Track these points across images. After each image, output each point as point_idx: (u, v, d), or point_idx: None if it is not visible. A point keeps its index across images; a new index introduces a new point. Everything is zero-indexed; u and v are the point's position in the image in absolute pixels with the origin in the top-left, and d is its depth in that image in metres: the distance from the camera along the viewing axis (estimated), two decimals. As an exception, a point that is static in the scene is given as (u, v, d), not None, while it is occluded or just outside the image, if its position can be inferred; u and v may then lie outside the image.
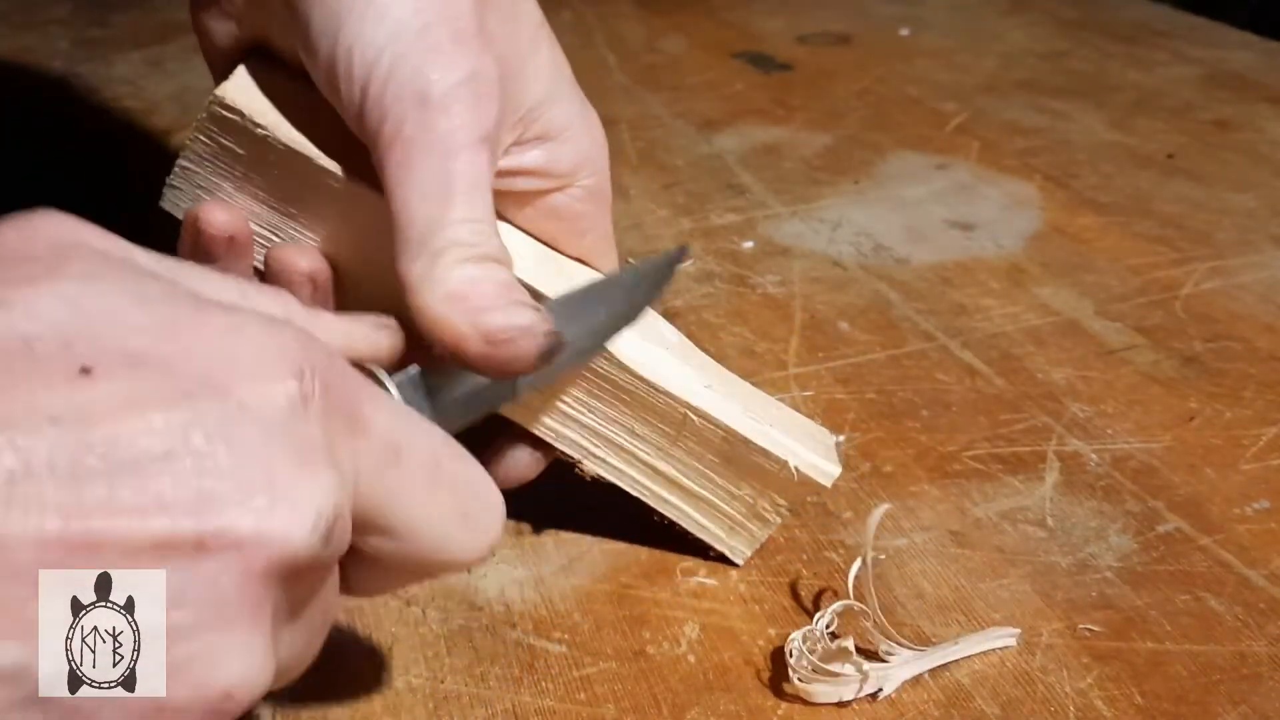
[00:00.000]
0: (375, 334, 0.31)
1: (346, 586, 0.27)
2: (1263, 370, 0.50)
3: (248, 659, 0.21)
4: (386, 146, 0.31)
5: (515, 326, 0.30)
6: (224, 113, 0.33)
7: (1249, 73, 0.86)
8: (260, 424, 0.21)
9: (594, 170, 0.37)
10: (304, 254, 0.35)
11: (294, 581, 0.22)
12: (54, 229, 0.23)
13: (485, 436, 0.36)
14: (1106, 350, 0.51)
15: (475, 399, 0.32)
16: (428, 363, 0.31)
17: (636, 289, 0.36)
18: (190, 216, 0.34)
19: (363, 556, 0.26)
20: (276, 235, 0.35)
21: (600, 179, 0.37)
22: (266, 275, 0.35)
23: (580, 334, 0.34)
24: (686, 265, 0.35)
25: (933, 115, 0.79)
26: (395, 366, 0.31)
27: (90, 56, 0.87)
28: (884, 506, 0.36)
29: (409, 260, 0.30)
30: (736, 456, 0.36)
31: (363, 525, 0.25)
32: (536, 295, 0.34)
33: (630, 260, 0.37)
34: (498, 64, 0.32)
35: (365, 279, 0.35)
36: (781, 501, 0.37)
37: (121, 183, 0.66)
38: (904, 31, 0.97)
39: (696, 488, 0.37)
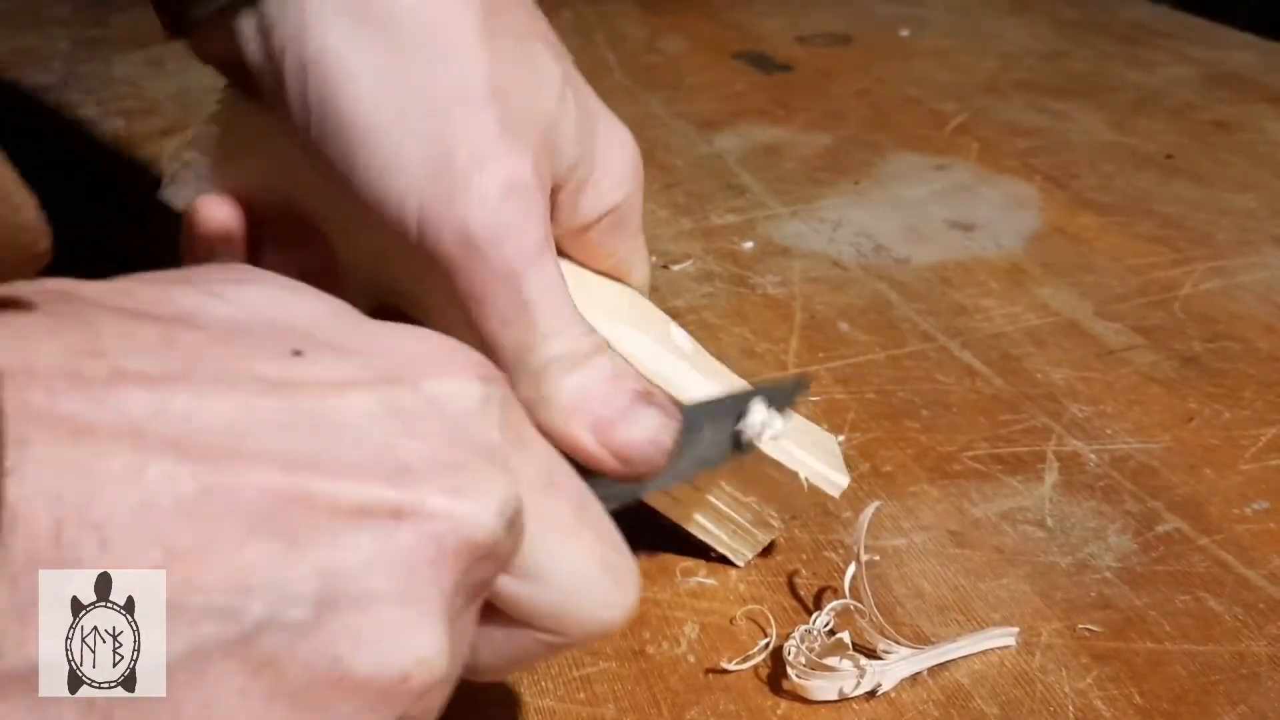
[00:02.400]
0: None
1: (472, 659, 0.25)
2: (1262, 370, 0.50)
3: (429, 640, 0.20)
4: (449, 285, 0.30)
5: (639, 442, 0.30)
6: (239, 101, 0.33)
7: (1249, 73, 0.86)
8: (450, 418, 0.22)
9: (629, 193, 0.36)
10: (298, 244, 0.34)
11: (470, 574, 0.21)
12: (247, 267, 0.24)
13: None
14: (1106, 350, 0.51)
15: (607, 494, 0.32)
16: None
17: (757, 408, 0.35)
18: (187, 214, 0.33)
19: (491, 611, 0.24)
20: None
21: (634, 200, 0.36)
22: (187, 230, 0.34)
23: (711, 444, 0.34)
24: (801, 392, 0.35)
25: (933, 115, 0.79)
26: None
27: (90, 56, 0.87)
28: (874, 504, 0.36)
29: (518, 386, 0.30)
30: (746, 465, 0.36)
31: None
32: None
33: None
34: (531, 153, 0.31)
35: (373, 272, 0.35)
36: (788, 510, 0.37)
37: (122, 183, 0.66)
38: (904, 32, 0.97)
39: (703, 494, 0.37)
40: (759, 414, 0.35)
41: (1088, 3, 1.04)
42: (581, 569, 0.24)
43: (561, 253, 0.36)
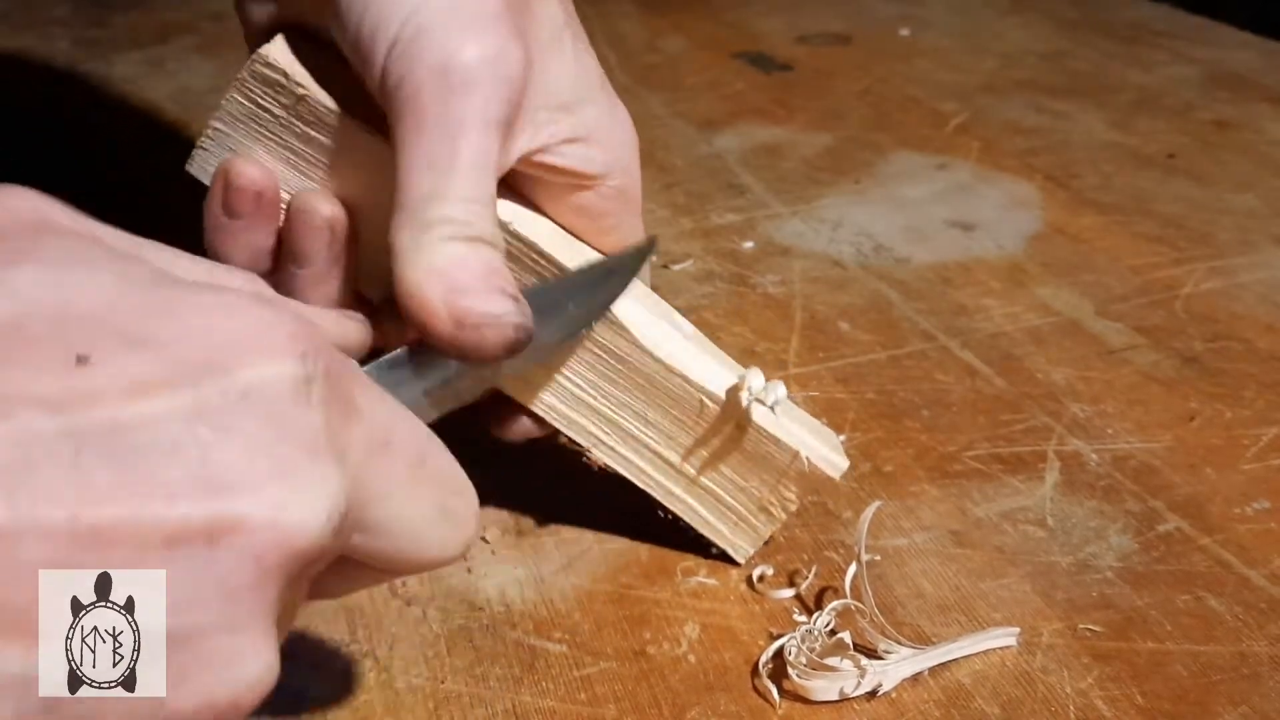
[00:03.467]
0: (343, 322, 0.30)
1: (316, 587, 0.25)
2: (1263, 370, 0.50)
3: (256, 663, 0.20)
4: (400, 113, 0.31)
5: (486, 314, 0.30)
6: (266, 71, 0.33)
7: (1249, 73, 0.86)
8: (266, 409, 0.20)
9: (624, 170, 0.37)
10: (326, 200, 0.34)
11: (296, 578, 0.21)
12: (21, 206, 0.22)
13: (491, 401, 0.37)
14: (1107, 350, 0.51)
15: (455, 384, 0.32)
16: (414, 347, 0.31)
17: (606, 281, 0.35)
18: (221, 169, 0.34)
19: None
20: None
21: (629, 179, 0.37)
22: (287, 218, 0.34)
23: (551, 328, 0.34)
24: (654, 259, 0.35)
25: (933, 115, 0.79)
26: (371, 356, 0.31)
27: (90, 56, 0.87)
28: (875, 504, 0.36)
29: (399, 228, 0.30)
30: (748, 446, 0.36)
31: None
32: (546, 258, 0.35)
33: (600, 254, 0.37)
34: (524, 46, 0.32)
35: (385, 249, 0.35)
36: (789, 495, 0.37)
37: (122, 182, 0.66)
38: (904, 31, 0.97)
39: (704, 479, 0.37)
40: (758, 379, 0.35)
41: (1088, 2, 1.04)
42: (417, 522, 0.24)
43: (569, 226, 0.37)
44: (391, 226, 0.30)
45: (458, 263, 0.30)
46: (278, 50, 0.34)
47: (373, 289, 0.36)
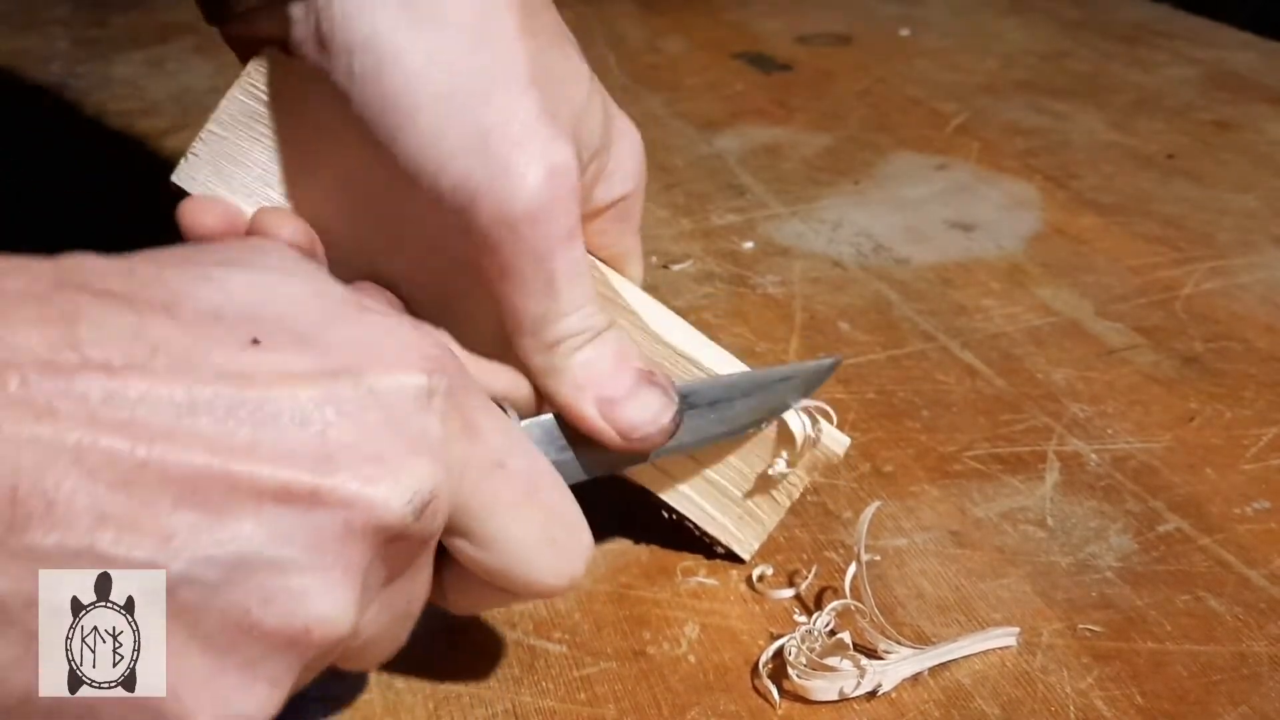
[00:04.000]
0: (518, 379, 0.33)
1: (441, 596, 0.30)
2: (1263, 370, 0.50)
3: (332, 602, 0.23)
4: (476, 256, 0.31)
5: (644, 421, 0.33)
6: (273, 64, 0.33)
7: (1249, 73, 0.86)
8: (386, 408, 0.24)
9: (635, 186, 0.37)
10: (288, 221, 0.33)
11: (388, 550, 0.25)
12: (259, 242, 0.28)
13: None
14: (1107, 350, 0.51)
15: (603, 461, 0.34)
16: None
17: (779, 387, 0.36)
18: (177, 215, 0.33)
19: (455, 565, 0.29)
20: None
21: (638, 193, 0.37)
22: (248, 234, 0.34)
23: (715, 420, 0.35)
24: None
25: (933, 115, 0.79)
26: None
27: (90, 56, 0.87)
28: (875, 504, 0.36)
29: (529, 351, 0.32)
30: (747, 436, 0.37)
31: (456, 526, 0.27)
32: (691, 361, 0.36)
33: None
34: (569, 139, 0.32)
35: (387, 251, 0.35)
36: (794, 479, 0.37)
37: (122, 183, 0.66)
38: (904, 32, 0.97)
39: (708, 470, 0.37)
40: (799, 422, 0.37)
41: (1088, 3, 1.04)
42: (525, 544, 0.28)
43: None
44: (517, 348, 0.32)
45: (592, 369, 0.33)
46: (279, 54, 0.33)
47: (347, 273, 0.35)
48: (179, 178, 0.34)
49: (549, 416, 0.33)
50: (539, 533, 0.28)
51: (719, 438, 0.36)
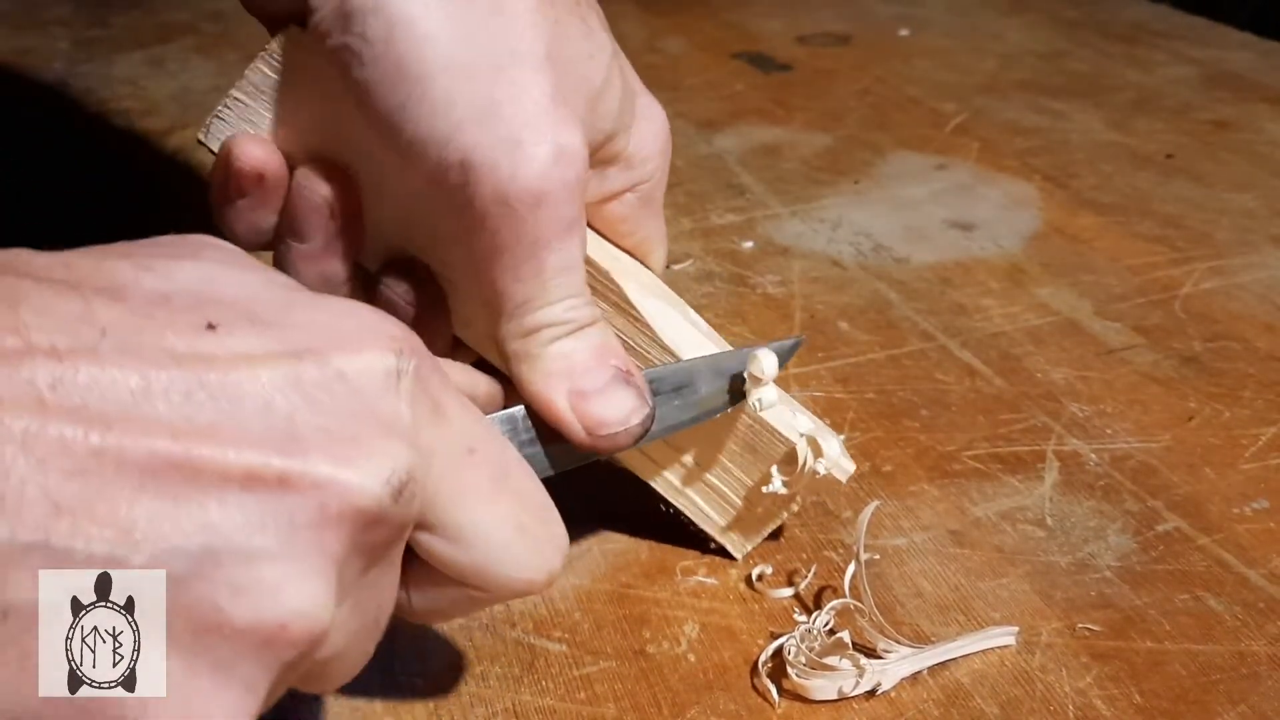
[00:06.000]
0: (475, 376, 0.32)
1: (406, 604, 0.28)
2: (1262, 370, 0.50)
3: (309, 594, 0.22)
4: (473, 232, 0.31)
5: (614, 420, 0.32)
6: (294, 38, 0.33)
7: (1249, 73, 0.86)
8: (354, 390, 0.23)
9: (656, 170, 0.36)
10: (325, 179, 0.33)
11: (363, 539, 0.23)
12: (203, 238, 0.26)
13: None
14: (1106, 350, 0.51)
15: (569, 457, 0.33)
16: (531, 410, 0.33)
17: (742, 367, 0.36)
18: (224, 150, 0.33)
19: (420, 566, 0.27)
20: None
21: (660, 178, 0.37)
22: (288, 193, 0.34)
23: (681, 407, 0.35)
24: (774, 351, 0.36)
25: (932, 115, 0.79)
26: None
27: (90, 56, 0.87)
28: (874, 504, 0.36)
29: (506, 335, 0.32)
30: (759, 445, 0.37)
31: (425, 519, 0.25)
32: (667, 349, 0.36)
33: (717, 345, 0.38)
34: (579, 125, 0.31)
35: (394, 220, 0.35)
36: (789, 491, 0.37)
37: (122, 183, 0.66)
38: (904, 31, 0.97)
39: (709, 475, 0.37)
40: (770, 361, 0.35)
41: (1087, 3, 1.04)
42: (497, 536, 0.26)
43: (589, 226, 0.37)
44: (496, 328, 0.32)
45: (568, 360, 0.32)
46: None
47: (372, 262, 0.36)
48: (207, 136, 0.34)
49: (518, 408, 0.33)
50: (511, 524, 0.27)
51: (686, 424, 0.35)
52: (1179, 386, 0.49)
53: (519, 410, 0.33)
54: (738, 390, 0.36)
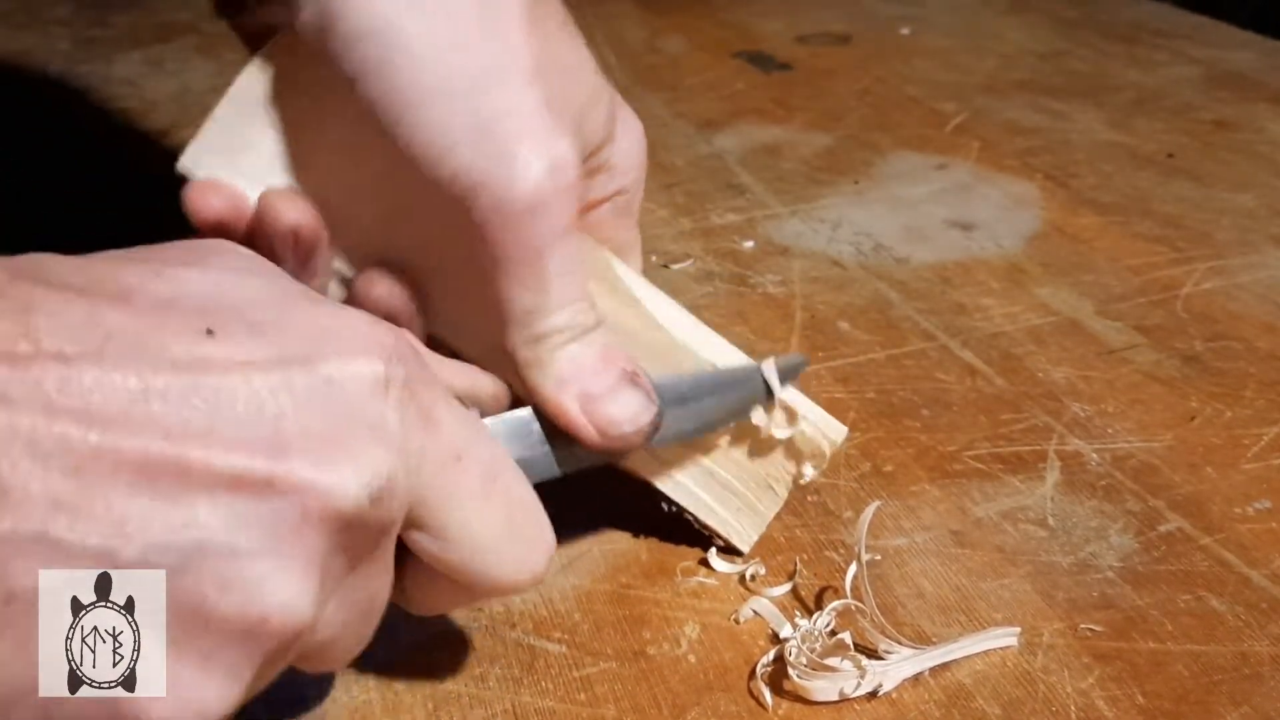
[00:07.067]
0: (478, 377, 0.32)
1: (402, 594, 0.30)
2: (1263, 370, 0.50)
3: (291, 590, 0.23)
4: (470, 243, 0.31)
5: (625, 420, 0.33)
6: (280, 52, 0.33)
7: (1249, 73, 0.86)
8: (343, 396, 0.24)
9: (635, 179, 0.37)
10: (293, 204, 0.34)
11: (345, 539, 0.24)
12: (218, 243, 0.27)
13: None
14: (1107, 350, 0.51)
15: (579, 457, 0.34)
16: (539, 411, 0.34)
17: (749, 384, 0.36)
18: (184, 194, 0.33)
19: (415, 560, 0.28)
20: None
21: (637, 190, 0.37)
22: (255, 215, 0.34)
23: (688, 418, 0.35)
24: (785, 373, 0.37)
25: (933, 115, 0.79)
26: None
27: (90, 56, 0.87)
28: (875, 504, 0.36)
29: (515, 344, 0.33)
30: (744, 425, 0.37)
31: (415, 519, 0.27)
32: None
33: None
34: (571, 134, 0.32)
35: (395, 233, 0.35)
36: (791, 468, 0.37)
37: (122, 183, 0.66)
38: (904, 31, 0.97)
39: (707, 460, 0.37)
40: (772, 373, 0.36)
41: (1087, 2, 1.04)
42: (485, 537, 0.28)
43: None
44: (504, 337, 0.32)
45: (577, 364, 0.33)
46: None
47: (352, 264, 0.35)
48: (186, 162, 0.34)
49: (526, 410, 0.33)
50: (499, 526, 0.28)
51: (690, 435, 0.36)
52: (1180, 386, 0.48)
53: (527, 412, 0.33)
54: (746, 407, 0.36)
